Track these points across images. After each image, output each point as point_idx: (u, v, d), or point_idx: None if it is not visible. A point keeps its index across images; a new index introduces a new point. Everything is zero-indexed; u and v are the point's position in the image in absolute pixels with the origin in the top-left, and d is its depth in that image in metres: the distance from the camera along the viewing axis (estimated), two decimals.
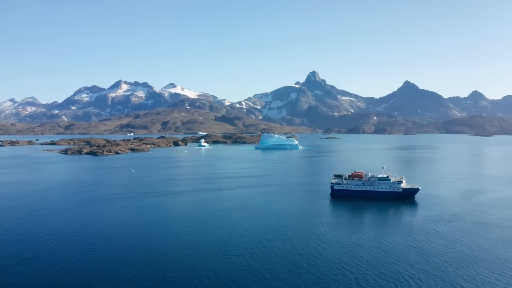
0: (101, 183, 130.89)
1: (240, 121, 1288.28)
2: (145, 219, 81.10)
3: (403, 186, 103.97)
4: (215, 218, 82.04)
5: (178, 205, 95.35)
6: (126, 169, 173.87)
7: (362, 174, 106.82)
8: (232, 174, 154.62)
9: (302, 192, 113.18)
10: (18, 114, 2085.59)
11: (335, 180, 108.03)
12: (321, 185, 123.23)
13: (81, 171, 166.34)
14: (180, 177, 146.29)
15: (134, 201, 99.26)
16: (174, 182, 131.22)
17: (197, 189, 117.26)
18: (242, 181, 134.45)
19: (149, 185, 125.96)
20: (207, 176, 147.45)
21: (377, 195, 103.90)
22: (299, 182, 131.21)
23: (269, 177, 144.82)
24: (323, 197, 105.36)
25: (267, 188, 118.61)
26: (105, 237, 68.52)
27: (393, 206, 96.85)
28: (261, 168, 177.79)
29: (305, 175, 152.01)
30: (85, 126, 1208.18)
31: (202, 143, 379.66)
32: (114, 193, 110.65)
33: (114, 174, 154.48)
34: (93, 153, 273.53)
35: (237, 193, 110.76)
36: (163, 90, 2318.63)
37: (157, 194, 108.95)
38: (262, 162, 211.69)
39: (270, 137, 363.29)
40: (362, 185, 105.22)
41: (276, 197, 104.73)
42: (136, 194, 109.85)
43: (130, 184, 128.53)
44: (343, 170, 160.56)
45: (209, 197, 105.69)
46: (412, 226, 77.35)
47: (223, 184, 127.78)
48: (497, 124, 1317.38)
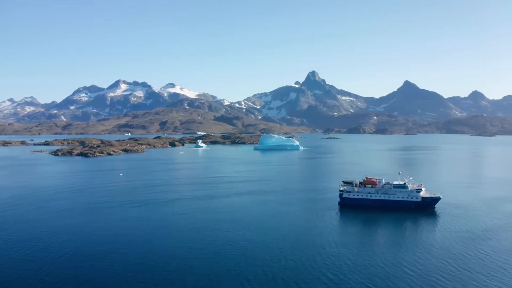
0: (81, 189, 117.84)
1: (239, 121, 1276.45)
2: (120, 236, 68.06)
3: (422, 194, 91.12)
4: (206, 235, 69.01)
5: (163, 218, 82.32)
6: (114, 172, 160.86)
7: (375, 181, 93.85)
8: (228, 178, 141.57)
9: (306, 201, 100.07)
10: (16, 114, 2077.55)
11: (344, 188, 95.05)
12: (327, 192, 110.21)
13: (64, 175, 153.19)
14: (171, 182, 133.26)
15: (112, 213, 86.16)
16: (163, 188, 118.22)
17: (188, 197, 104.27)
18: (239, 187, 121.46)
19: (134, 192, 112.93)
20: (200, 181, 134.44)
21: (393, 205, 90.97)
22: (302, 189, 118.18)
23: (268, 182, 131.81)
24: (330, 207, 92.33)
25: (267, 196, 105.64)
26: (66, 263, 55.47)
27: (411, 218, 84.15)
28: (260, 171, 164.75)
29: (308, 180, 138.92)
30: (83, 126, 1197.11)
31: (199, 143, 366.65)
32: (91, 202, 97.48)
33: (99, 179, 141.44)
34: (84, 154, 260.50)
35: (233, 202, 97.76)
36: (162, 90, 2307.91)
37: (141, 203, 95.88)
38: (261, 164, 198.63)
39: (269, 137, 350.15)
40: (376, 194, 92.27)
41: (277, 208, 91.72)
42: (116, 203, 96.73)
43: (113, 190, 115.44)
44: (350, 174, 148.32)
45: (200, 206, 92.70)
46: (436, 245, 64.65)
47: (217, 190, 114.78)
48: (498, 124, 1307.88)
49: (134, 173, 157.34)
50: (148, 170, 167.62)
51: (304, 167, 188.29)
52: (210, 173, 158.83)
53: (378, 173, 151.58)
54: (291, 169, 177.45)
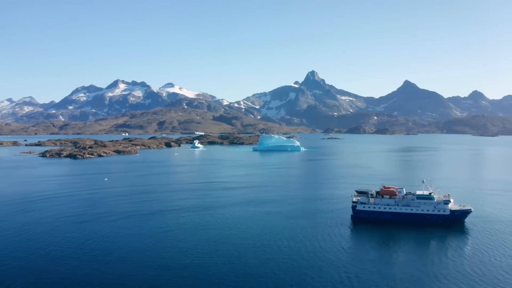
0: (55, 197, 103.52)
1: (238, 121, 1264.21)
2: (82, 263, 53.89)
3: (450, 207, 77.23)
4: (189, 264, 54.89)
5: (145, 234, 68.22)
6: (99, 176, 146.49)
7: (395, 191, 79.78)
8: (223, 184, 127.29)
9: (312, 213, 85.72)
10: (15, 113, 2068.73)
11: (358, 198, 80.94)
12: (337, 202, 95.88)
13: (42, 180, 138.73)
14: (158, 188, 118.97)
15: (80, 230, 71.80)
16: (148, 197, 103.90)
17: (175, 208, 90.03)
18: (235, 195, 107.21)
19: (114, 201, 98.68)
20: (191, 188, 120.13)
21: (416, 219, 77.02)
22: (306, 197, 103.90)
23: (268, 188, 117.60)
24: (341, 221, 78.16)
25: (266, 207, 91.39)
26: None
27: (438, 235, 70.64)
28: (259, 175, 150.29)
29: (313, 187, 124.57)
30: (80, 126, 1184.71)
31: (196, 144, 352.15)
32: (61, 215, 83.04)
33: (80, 184, 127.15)
34: (73, 156, 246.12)
35: (227, 216, 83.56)
36: (161, 90, 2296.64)
37: (118, 217, 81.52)
38: (260, 167, 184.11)
39: (269, 137, 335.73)
40: (396, 206, 78.25)
41: (278, 223, 77.49)
42: (90, 216, 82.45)
43: (91, 199, 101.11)
44: (359, 180, 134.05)
45: (187, 221, 78.52)
46: (472, 271, 50.91)
47: (210, 199, 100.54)
48: (499, 124, 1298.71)
49: (120, 178, 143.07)
50: (136, 174, 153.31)
51: (307, 170, 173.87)
52: (204, 177, 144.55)
53: (390, 178, 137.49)
54: (293, 173, 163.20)
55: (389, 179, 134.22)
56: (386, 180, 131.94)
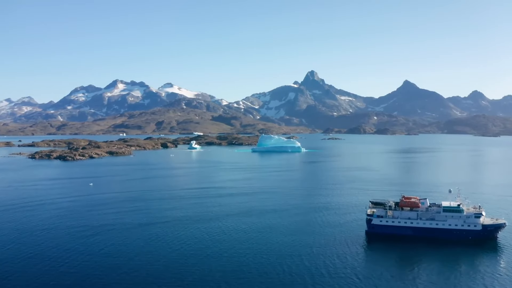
0: (29, 205, 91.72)
1: (237, 121, 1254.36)
2: None
3: (482, 221, 65.90)
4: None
5: (120, 256, 56.73)
6: (85, 181, 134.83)
7: (417, 202, 68.36)
8: (219, 190, 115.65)
9: (318, 227, 74.02)
10: (13, 114, 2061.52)
11: (374, 211, 69.45)
12: (347, 213, 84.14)
13: (23, 184, 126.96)
14: (147, 195, 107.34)
15: (48, 247, 60.20)
16: (133, 206, 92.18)
17: (163, 220, 78.43)
18: (231, 204, 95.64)
19: (95, 210, 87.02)
20: (184, 195, 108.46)
21: (442, 236, 65.64)
22: (311, 207, 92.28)
23: (268, 196, 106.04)
24: (354, 238, 66.70)
25: (267, 219, 79.78)
26: None
27: (469, 254, 60.05)
28: (258, 180, 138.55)
29: (318, 194, 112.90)
30: (78, 126, 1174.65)
31: (193, 145, 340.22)
32: (28, 229, 70.95)
33: (61, 190, 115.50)
34: (63, 157, 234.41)
35: (221, 229, 72.05)
36: (160, 90, 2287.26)
37: (96, 230, 69.74)
38: (259, 170, 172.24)
39: (269, 138, 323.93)
40: (418, 220, 66.84)
41: (278, 239, 65.88)
42: (63, 229, 70.65)
43: (67, 208, 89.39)
44: (368, 184, 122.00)
45: (175, 237, 66.95)
46: None
47: (203, 209, 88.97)
48: (500, 124, 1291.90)
49: (107, 183, 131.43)
50: (125, 179, 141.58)
51: (310, 174, 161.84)
52: (197, 182, 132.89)
53: (403, 183, 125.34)
54: (295, 177, 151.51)
55: (402, 185, 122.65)
56: (400, 185, 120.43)
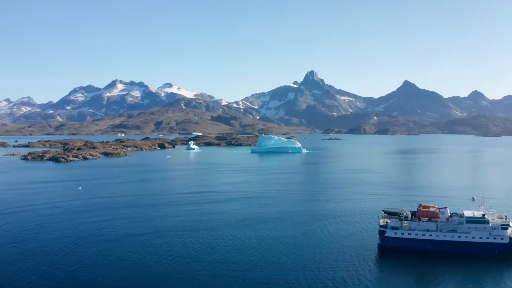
0: (6, 213, 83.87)
1: (237, 121, 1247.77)
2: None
3: (510, 233, 58.43)
4: None
5: (97, 272, 49.17)
6: (74, 184, 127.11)
7: (437, 211, 60.82)
8: (215, 195, 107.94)
9: (324, 239, 66.23)
10: (12, 114, 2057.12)
11: (387, 221, 61.83)
12: (355, 223, 76.34)
13: (6, 188, 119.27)
14: (138, 201, 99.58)
15: (18, 263, 52.45)
16: (123, 214, 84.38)
17: (151, 231, 70.67)
18: (228, 211, 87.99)
19: (79, 219, 79.19)
20: (177, 200, 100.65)
21: (465, 250, 58.14)
22: (316, 215, 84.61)
23: (268, 201, 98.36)
24: (365, 252, 59.06)
25: (265, 229, 71.93)
26: None
27: (494, 271, 53.22)
28: (258, 183, 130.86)
29: (322, 199, 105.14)
30: (76, 127, 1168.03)
31: (191, 145, 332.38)
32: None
33: (46, 194, 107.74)
34: (56, 158, 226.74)
35: (216, 240, 64.41)
36: (159, 90, 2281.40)
37: (74, 243, 61.75)
38: (259, 172, 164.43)
39: (268, 138, 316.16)
40: (438, 232, 59.29)
41: (280, 253, 58.21)
42: (39, 242, 62.67)
43: (49, 216, 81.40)
44: (375, 187, 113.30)
45: (165, 251, 59.33)
46: None
47: (196, 218, 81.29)
48: (501, 124, 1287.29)
49: (97, 186, 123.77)
50: (117, 182, 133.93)
51: (312, 177, 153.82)
52: (193, 186, 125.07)
53: (413, 186, 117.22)
54: (297, 180, 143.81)
55: (412, 189, 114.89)
56: (409, 189, 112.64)
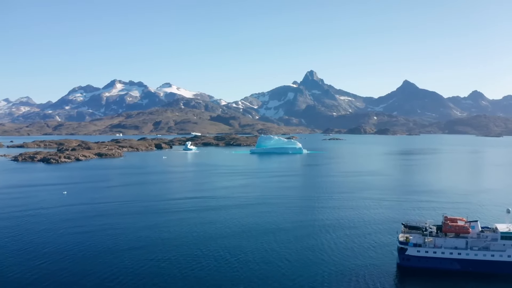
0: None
1: (236, 121, 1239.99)
2: None
3: None
4: None
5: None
6: (60, 188, 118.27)
7: (466, 225, 52.17)
8: (210, 202, 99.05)
9: (333, 256, 57.05)
10: (11, 114, 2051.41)
11: (408, 237, 53.14)
12: (368, 236, 66.90)
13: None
14: (125, 208, 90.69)
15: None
16: (106, 223, 75.39)
17: (136, 245, 61.80)
18: (223, 220, 79.02)
19: (55, 230, 69.93)
20: (167, 207, 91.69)
21: (500, 271, 49.59)
22: (322, 225, 75.73)
23: (268, 208, 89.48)
24: (382, 274, 50.25)
25: (265, 243, 62.88)
26: None
27: None
28: (256, 187, 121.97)
29: (328, 207, 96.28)
30: (74, 127, 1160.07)
31: (188, 146, 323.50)
32: None
33: (27, 200, 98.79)
34: (47, 160, 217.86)
35: (208, 257, 55.61)
36: (158, 90, 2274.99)
37: (46, 259, 53.11)
38: (258, 175, 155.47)
39: (268, 138, 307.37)
40: (468, 250, 50.69)
41: (284, 270, 49.51)
42: (7, 256, 54.43)
43: (24, 226, 72.17)
44: (385, 192, 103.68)
45: (150, 269, 50.68)
46: None
47: (187, 228, 72.38)
48: (502, 124, 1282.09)
49: (84, 190, 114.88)
50: (106, 185, 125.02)
51: (315, 180, 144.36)
52: (187, 191, 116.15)
53: (422, 191, 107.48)
54: (299, 183, 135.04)
55: (425, 194, 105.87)
56: (422, 194, 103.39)
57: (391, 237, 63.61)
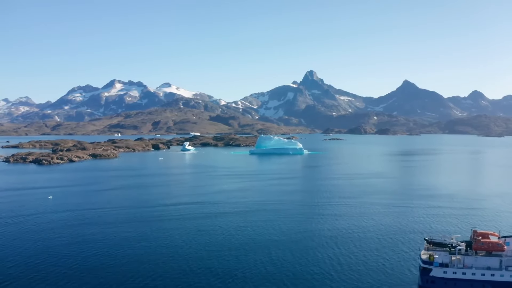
0: None
1: (236, 121, 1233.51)
2: None
3: None
4: None
5: None
6: (46, 192, 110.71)
7: (500, 242, 44.73)
8: (205, 208, 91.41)
9: (343, 277, 49.78)
10: (10, 114, 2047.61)
11: (433, 255, 45.69)
12: (382, 250, 59.10)
13: None
14: (110, 216, 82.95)
15: None
16: (86, 235, 67.67)
17: (120, 261, 54.23)
18: (216, 231, 71.32)
19: (32, 241, 62.35)
20: (157, 215, 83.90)
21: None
22: (328, 237, 68.04)
23: (269, 216, 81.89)
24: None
25: (266, 257, 55.43)
26: None
27: None
28: (255, 192, 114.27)
29: (334, 215, 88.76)
30: (73, 127, 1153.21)
31: (186, 146, 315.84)
32: None
33: (9, 205, 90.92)
34: (39, 161, 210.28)
35: (200, 276, 48.30)
36: (157, 90, 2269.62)
37: (8, 280, 46.08)
38: (257, 178, 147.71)
39: (268, 139, 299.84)
40: (503, 271, 43.32)
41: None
42: None
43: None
44: (393, 197, 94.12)
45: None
46: None
47: (178, 241, 64.75)
48: (502, 124, 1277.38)
49: (70, 195, 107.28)
50: (94, 189, 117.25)
51: (319, 183, 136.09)
52: (180, 196, 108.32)
53: (435, 195, 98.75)
54: (301, 187, 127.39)
55: (439, 198, 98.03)
56: (436, 199, 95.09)
57: (408, 251, 56.22)
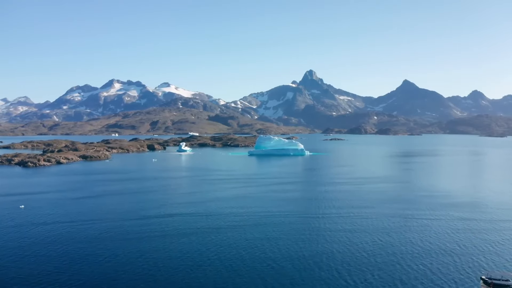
0: None
1: (235, 120, 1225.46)
2: None
3: None
4: None
5: None
6: (19, 200, 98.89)
7: None
8: (193, 223, 79.35)
9: None
10: (9, 113, 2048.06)
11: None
12: (415, 280, 47.79)
13: None
14: (88, 230, 71.09)
15: None
16: (56, 253, 56.29)
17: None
18: (207, 252, 59.46)
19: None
20: (142, 230, 72.05)
21: None
22: (341, 262, 56.16)
23: (270, 233, 70.14)
24: None
25: (268, 286, 44.15)
26: None
27: None
28: (254, 200, 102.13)
29: (347, 231, 76.31)
30: (70, 126, 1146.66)
31: (182, 147, 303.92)
32: None
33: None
34: (24, 163, 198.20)
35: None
36: (156, 89, 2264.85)
37: None
38: (256, 183, 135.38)
39: (268, 139, 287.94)
40: None
41: None
42: None
43: None
44: (413, 207, 78.35)
45: None
46: None
47: (163, 262, 53.01)
48: (504, 124, 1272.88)
49: (46, 204, 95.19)
50: (75, 196, 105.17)
51: (324, 189, 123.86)
52: (170, 205, 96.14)
53: (460, 203, 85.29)
54: (305, 194, 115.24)
55: (468, 208, 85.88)
56: (466, 210, 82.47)
57: (449, 284, 44.31)
